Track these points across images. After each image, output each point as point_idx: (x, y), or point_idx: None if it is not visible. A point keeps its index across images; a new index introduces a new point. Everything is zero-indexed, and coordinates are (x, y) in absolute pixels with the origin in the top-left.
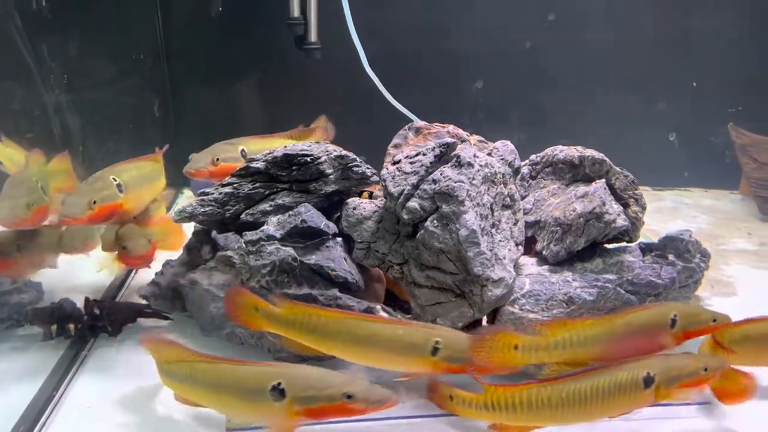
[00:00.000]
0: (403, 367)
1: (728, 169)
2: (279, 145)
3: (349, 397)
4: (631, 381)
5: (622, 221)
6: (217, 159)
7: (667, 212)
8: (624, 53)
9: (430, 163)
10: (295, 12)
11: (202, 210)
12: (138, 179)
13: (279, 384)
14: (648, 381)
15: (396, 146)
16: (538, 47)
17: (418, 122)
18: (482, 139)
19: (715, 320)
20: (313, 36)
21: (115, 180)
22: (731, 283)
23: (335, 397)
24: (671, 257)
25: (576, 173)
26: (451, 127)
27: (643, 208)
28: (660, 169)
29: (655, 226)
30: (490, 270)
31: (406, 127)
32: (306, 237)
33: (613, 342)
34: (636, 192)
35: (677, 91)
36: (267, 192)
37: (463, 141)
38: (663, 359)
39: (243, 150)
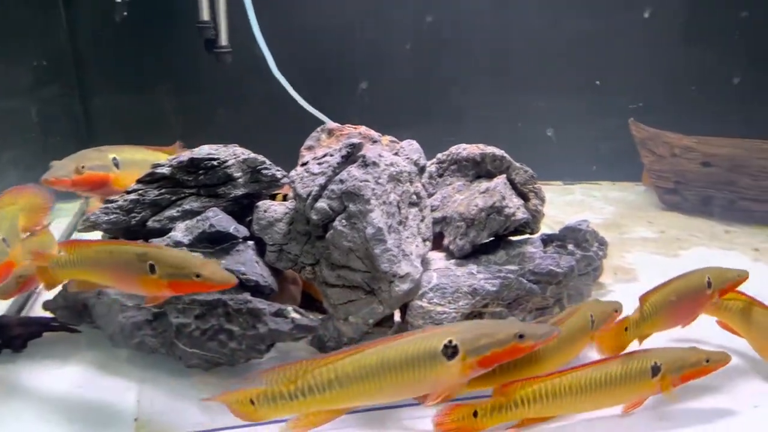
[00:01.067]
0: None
1: (633, 162)
2: (154, 157)
3: (521, 336)
4: (640, 370)
5: (521, 214)
6: (83, 167)
7: (577, 205)
8: (530, 53)
9: (338, 163)
10: (205, 15)
11: (106, 218)
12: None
13: (450, 342)
14: (655, 370)
15: (309, 148)
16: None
17: (331, 124)
18: (394, 139)
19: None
20: (223, 39)
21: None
22: (633, 269)
23: (507, 340)
24: (571, 247)
25: (479, 170)
26: (363, 128)
27: (543, 200)
28: (571, 164)
29: (565, 218)
30: (397, 266)
31: (319, 129)
32: (215, 242)
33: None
34: (535, 186)
35: (583, 89)
36: (174, 198)
37: (374, 141)
38: (669, 350)
39: (115, 158)
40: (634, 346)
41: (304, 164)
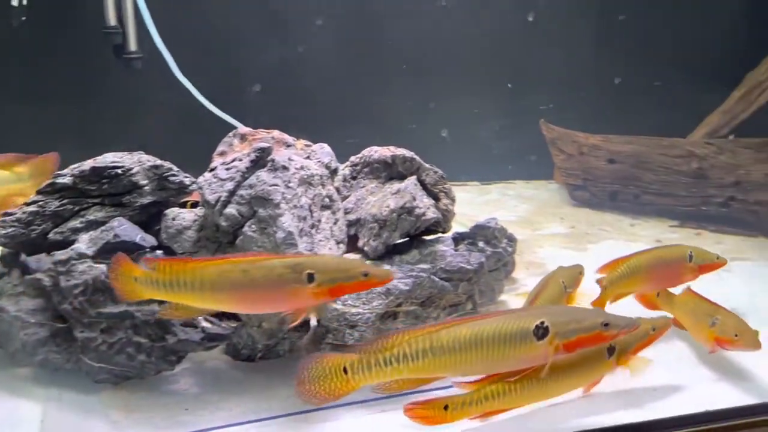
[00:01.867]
0: None
1: (545, 161)
2: None
3: (606, 325)
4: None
5: (431, 214)
6: None
7: (493, 204)
8: (444, 57)
9: (246, 168)
10: (112, 20)
11: (3, 232)
12: None
13: (542, 323)
14: (610, 350)
15: (221, 153)
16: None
17: (243, 129)
18: (308, 142)
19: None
20: (132, 45)
21: None
22: (544, 264)
23: (593, 327)
24: (481, 244)
25: (391, 172)
26: (276, 133)
27: (453, 200)
28: (487, 164)
29: (482, 217)
30: None
31: (231, 134)
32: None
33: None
34: (445, 186)
35: (497, 92)
36: (76, 208)
37: (288, 145)
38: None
39: None
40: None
41: (212, 170)
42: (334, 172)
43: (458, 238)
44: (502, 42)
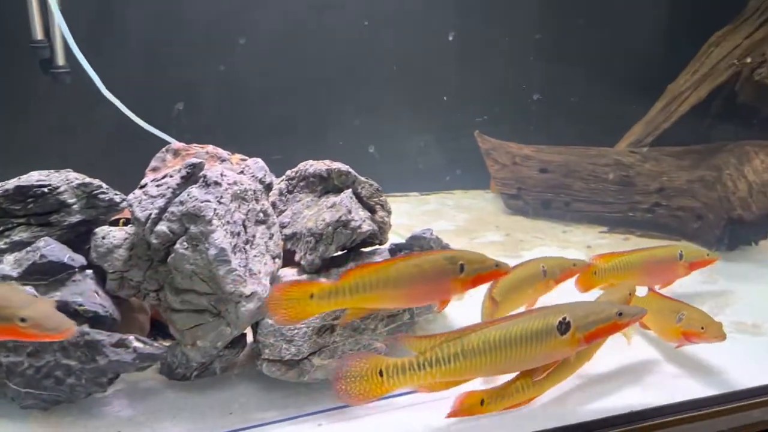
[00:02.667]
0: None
1: (482, 171)
2: None
3: (620, 314)
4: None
5: (367, 226)
6: None
7: (432, 214)
8: (381, 71)
9: (177, 184)
10: (38, 34)
11: None
12: None
13: (565, 318)
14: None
15: (154, 169)
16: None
17: (176, 144)
18: (244, 157)
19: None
20: (60, 59)
21: None
22: None
23: (610, 317)
24: None
25: (326, 185)
26: (210, 148)
27: (389, 212)
28: (426, 175)
29: (421, 227)
30: (243, 286)
31: (164, 149)
32: (48, 273)
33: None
34: (381, 199)
35: (434, 104)
36: (1, 229)
37: (223, 160)
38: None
39: None
40: None
41: (142, 187)
42: (268, 187)
43: (395, 250)
44: (437, 57)
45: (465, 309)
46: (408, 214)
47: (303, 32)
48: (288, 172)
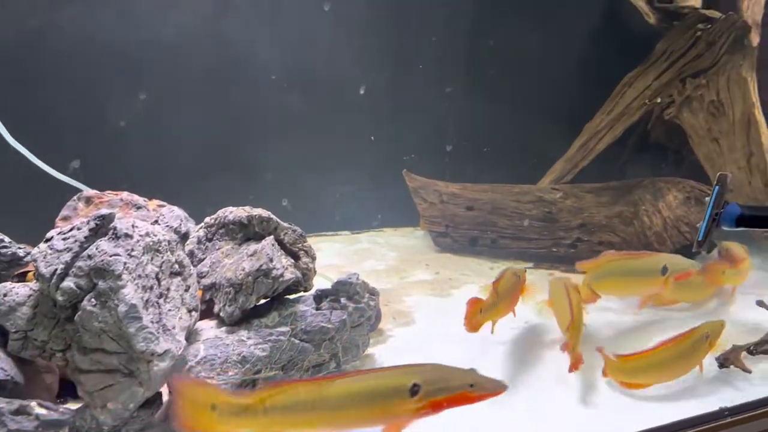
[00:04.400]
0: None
1: (412, 208)
2: None
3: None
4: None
5: (290, 274)
6: None
7: (363, 253)
8: (308, 112)
9: (85, 237)
10: None
11: None
12: None
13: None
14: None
15: (65, 218)
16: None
17: (89, 191)
18: (162, 203)
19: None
20: None
21: None
22: (410, 312)
23: (461, 387)
24: (344, 300)
25: (247, 232)
26: (125, 194)
27: (313, 258)
28: (357, 214)
29: (352, 267)
30: (155, 344)
31: (76, 197)
32: None
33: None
34: (305, 244)
35: (362, 144)
36: None
37: (138, 207)
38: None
39: None
40: None
41: (47, 240)
42: (184, 237)
43: (321, 296)
44: (361, 99)
45: (399, 353)
46: (339, 254)
47: (219, 80)
48: (207, 219)
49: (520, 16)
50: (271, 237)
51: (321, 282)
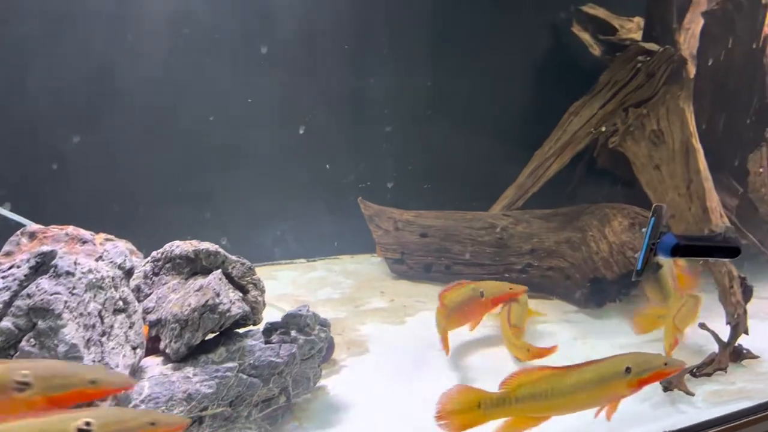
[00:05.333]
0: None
1: (368, 235)
2: None
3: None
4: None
5: (237, 309)
6: None
7: (318, 281)
8: (260, 142)
9: (25, 275)
10: None
11: None
12: None
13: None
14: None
15: (7, 254)
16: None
17: (33, 226)
18: (110, 237)
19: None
20: None
21: None
22: (364, 341)
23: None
24: (294, 333)
25: (194, 267)
26: (70, 229)
27: (262, 291)
28: (313, 241)
29: (308, 296)
30: None
31: (19, 232)
32: None
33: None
34: (254, 277)
35: (318, 172)
36: None
37: (85, 242)
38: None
39: None
40: None
41: None
42: (128, 273)
43: (270, 329)
44: (319, 128)
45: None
46: (294, 283)
47: (171, 109)
48: (154, 254)
49: (472, 52)
50: (219, 271)
51: (274, 313)
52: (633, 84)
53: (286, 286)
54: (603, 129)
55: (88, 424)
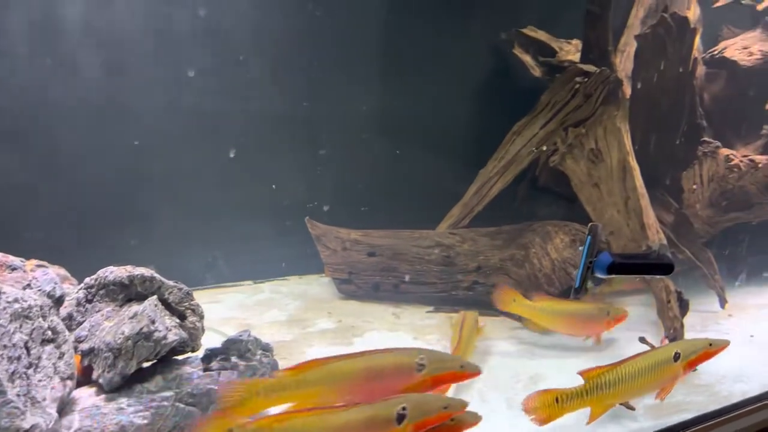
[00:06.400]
0: None
1: (316, 255)
2: None
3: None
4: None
5: (173, 336)
6: None
7: (265, 303)
8: (185, 165)
9: None
10: None
11: None
12: None
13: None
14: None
15: None
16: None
17: None
18: (42, 263)
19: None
20: None
21: None
22: None
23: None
24: (234, 359)
25: (128, 293)
26: None
27: (201, 316)
28: (260, 263)
29: (254, 320)
30: (20, 419)
31: None
32: None
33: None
34: (192, 303)
35: (264, 192)
36: None
37: (14, 269)
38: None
39: None
40: None
41: None
42: (58, 301)
43: (211, 355)
44: (265, 148)
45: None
46: (240, 306)
47: (107, 128)
48: (87, 280)
49: (419, 68)
50: (155, 297)
51: (216, 338)
52: (572, 104)
53: (231, 310)
54: (544, 148)
55: (404, 408)
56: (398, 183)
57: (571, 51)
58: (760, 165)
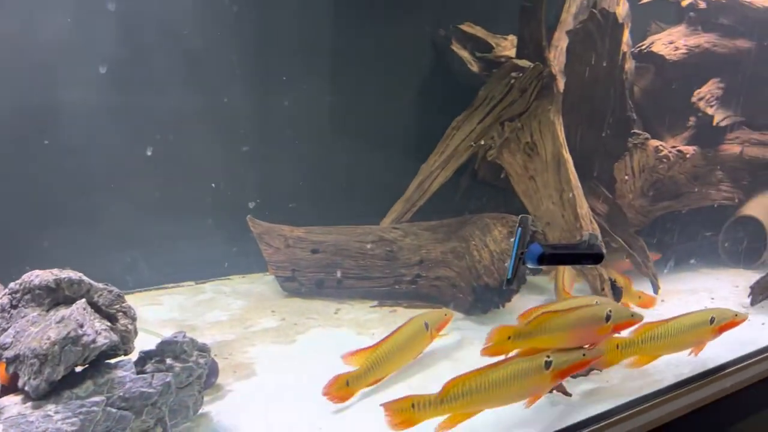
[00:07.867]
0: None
1: (260, 254)
2: None
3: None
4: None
5: (103, 339)
6: None
7: (206, 304)
8: (136, 164)
9: None
10: None
11: None
12: None
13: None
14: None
15: None
16: None
17: None
18: None
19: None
20: None
21: None
22: (252, 364)
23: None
24: (169, 361)
25: (56, 297)
26: None
27: (133, 319)
28: (202, 263)
29: (195, 321)
30: None
31: None
32: None
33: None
34: (124, 305)
35: (203, 192)
36: None
37: None
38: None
39: None
40: None
41: None
42: None
43: (145, 357)
44: (206, 146)
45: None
46: (180, 307)
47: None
48: (11, 285)
49: (359, 63)
50: (83, 300)
51: (152, 341)
52: (508, 99)
53: (171, 311)
54: (482, 142)
55: (548, 357)
56: (341, 179)
57: (507, 47)
58: (688, 155)
